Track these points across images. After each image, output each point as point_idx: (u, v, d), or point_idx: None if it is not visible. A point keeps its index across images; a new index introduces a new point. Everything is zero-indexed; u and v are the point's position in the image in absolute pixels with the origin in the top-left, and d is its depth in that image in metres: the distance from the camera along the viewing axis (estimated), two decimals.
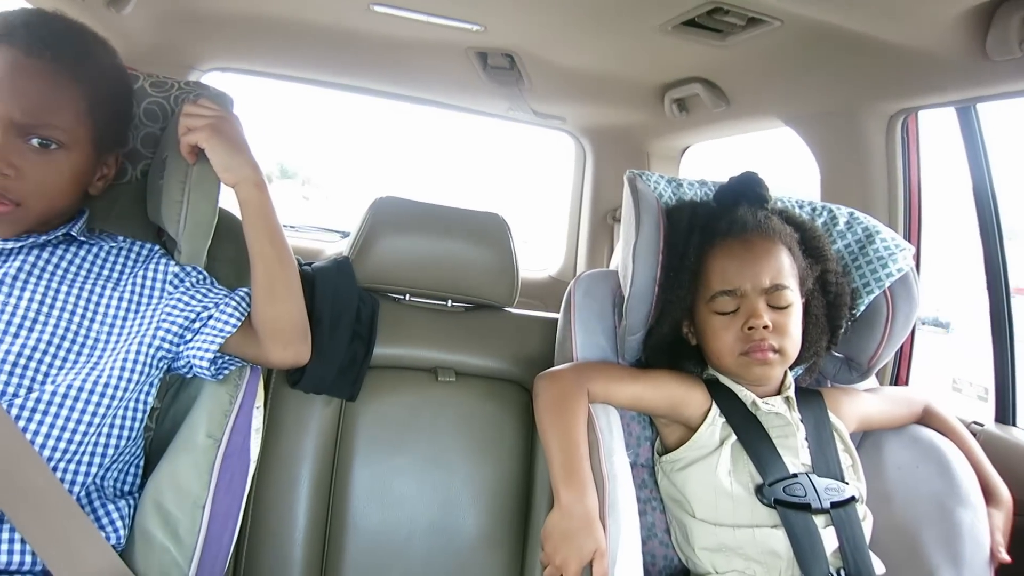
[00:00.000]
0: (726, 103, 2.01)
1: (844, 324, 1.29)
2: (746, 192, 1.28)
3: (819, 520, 1.13)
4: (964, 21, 1.27)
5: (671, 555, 1.24)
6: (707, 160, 2.84)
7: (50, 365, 0.95)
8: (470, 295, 1.55)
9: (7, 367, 0.92)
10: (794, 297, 1.20)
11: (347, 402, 1.41)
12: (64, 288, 1.01)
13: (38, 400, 0.92)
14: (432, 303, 1.57)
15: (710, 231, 1.23)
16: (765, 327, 1.16)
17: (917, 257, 1.73)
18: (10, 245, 0.99)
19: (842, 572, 1.11)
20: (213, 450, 1.00)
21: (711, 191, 1.39)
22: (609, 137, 2.90)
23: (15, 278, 0.98)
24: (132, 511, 1.00)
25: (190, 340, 1.04)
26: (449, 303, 1.57)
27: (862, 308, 1.32)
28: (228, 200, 1.12)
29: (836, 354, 1.36)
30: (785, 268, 1.20)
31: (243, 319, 1.06)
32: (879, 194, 1.77)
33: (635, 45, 1.81)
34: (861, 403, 1.34)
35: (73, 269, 1.04)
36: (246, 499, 1.06)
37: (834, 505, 1.14)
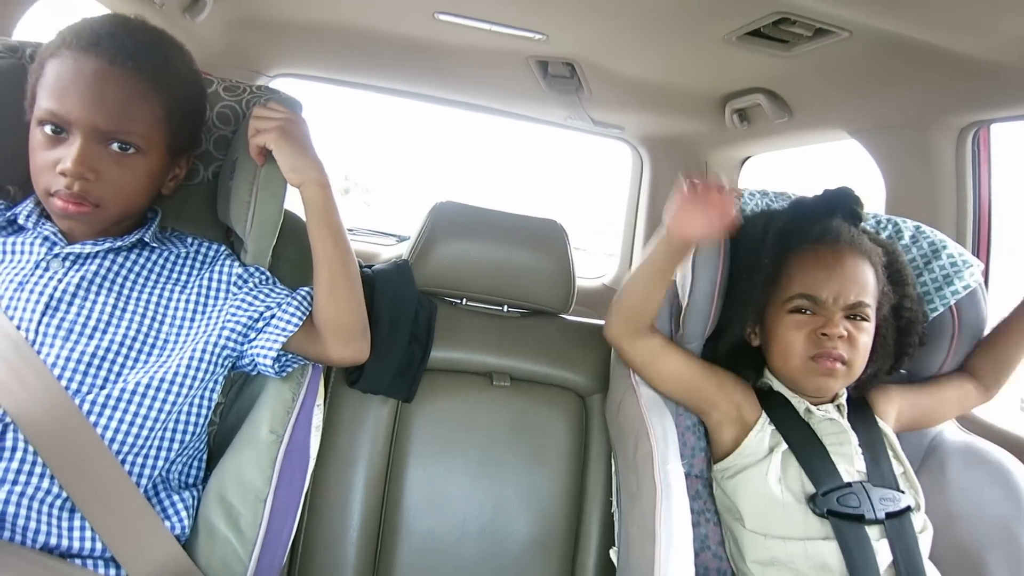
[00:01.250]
0: (789, 114, 1.98)
1: (911, 351, 1.26)
2: (841, 206, 1.25)
3: (872, 532, 1.10)
4: None
5: (724, 567, 1.23)
6: (767, 172, 2.80)
7: (122, 365, 0.99)
8: (526, 301, 1.56)
9: (82, 367, 0.96)
10: (871, 314, 1.18)
11: (403, 403, 1.43)
12: (136, 292, 1.05)
13: (108, 396, 0.95)
14: (488, 308, 1.58)
15: (797, 234, 1.21)
16: (840, 336, 1.14)
17: (986, 274, 1.68)
18: (88, 249, 1.03)
19: None
20: (275, 446, 1.02)
21: (772, 202, 1.37)
22: (667, 147, 2.88)
23: (91, 282, 1.02)
24: (196, 502, 1.03)
25: (254, 339, 1.07)
26: (505, 308, 1.58)
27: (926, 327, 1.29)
28: (293, 204, 1.15)
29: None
30: (870, 287, 1.18)
31: (305, 317, 1.09)
32: (947, 209, 1.71)
33: (697, 55, 1.80)
34: (900, 398, 1.30)
35: (145, 273, 1.08)
36: (304, 495, 1.09)
37: (889, 516, 1.11)
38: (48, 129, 0.96)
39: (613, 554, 1.27)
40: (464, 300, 1.57)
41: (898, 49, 1.41)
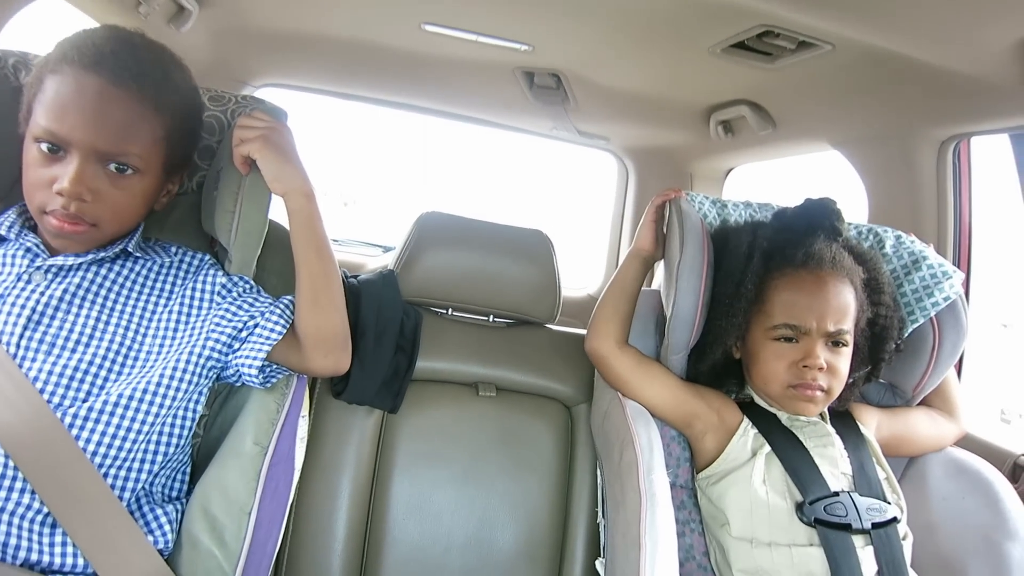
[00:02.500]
0: (772, 126, 1.99)
1: (887, 357, 1.27)
2: (822, 222, 1.25)
3: (858, 541, 1.11)
4: (1021, 47, 1.25)
5: None
6: (752, 182, 2.82)
7: (105, 378, 0.98)
8: (512, 311, 1.56)
9: (64, 380, 0.95)
10: (850, 339, 1.19)
11: (388, 414, 1.42)
12: (119, 304, 1.04)
13: (91, 409, 0.95)
14: (474, 318, 1.58)
15: (779, 258, 1.22)
16: (820, 368, 1.15)
17: (967, 284, 1.70)
18: (71, 261, 1.02)
19: None
20: (260, 457, 1.02)
21: (756, 213, 1.39)
22: (652, 158, 2.90)
23: (74, 295, 1.01)
24: (180, 516, 1.02)
25: (238, 349, 1.06)
26: (491, 318, 1.58)
27: (904, 336, 1.30)
28: (279, 214, 1.14)
29: (880, 380, 1.34)
30: (851, 311, 1.19)
31: (288, 327, 1.08)
32: (928, 220, 1.73)
33: (682, 67, 1.81)
34: (877, 415, 1.32)
35: (128, 284, 1.07)
36: (289, 507, 1.08)
37: (875, 526, 1.12)
38: (44, 147, 0.95)
39: (599, 564, 1.27)
40: (450, 310, 1.57)
41: (880, 62, 1.42)
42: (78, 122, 0.94)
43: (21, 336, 0.95)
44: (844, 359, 1.19)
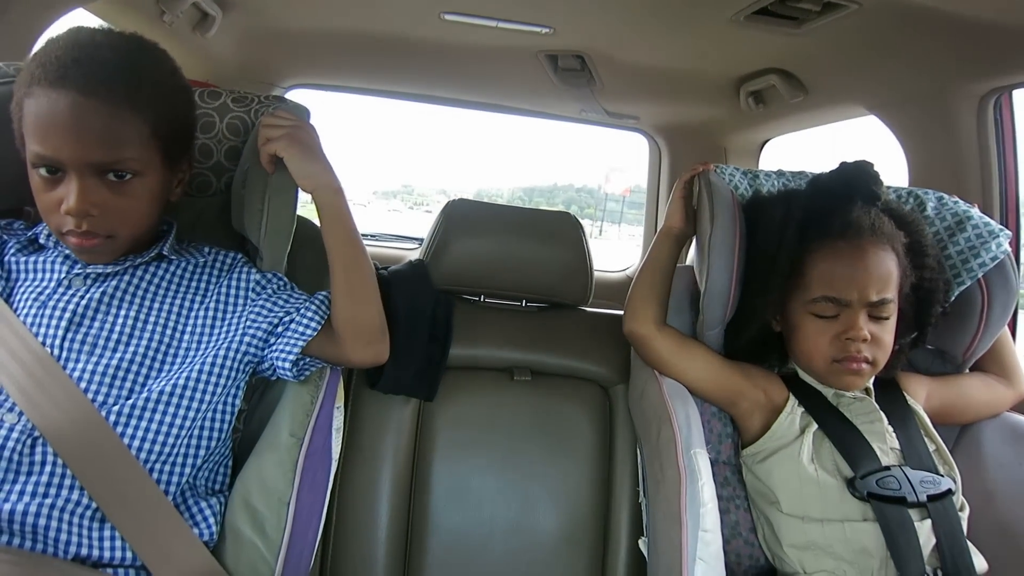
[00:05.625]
0: (804, 93, 1.95)
1: (934, 320, 1.23)
2: (859, 187, 1.20)
3: (913, 514, 1.08)
4: None
5: (757, 554, 1.21)
6: (790, 153, 2.76)
7: (146, 376, 1.01)
8: (544, 295, 1.55)
9: (107, 379, 0.97)
10: (894, 308, 1.16)
11: (425, 402, 1.43)
12: (157, 304, 1.06)
13: (133, 406, 0.97)
14: (507, 303, 1.58)
15: (815, 228, 1.18)
16: (864, 340, 1.12)
17: (1016, 243, 1.63)
18: (110, 269, 1.05)
19: (939, 573, 1.05)
20: (296, 449, 1.03)
21: (789, 182, 1.35)
22: (684, 134, 2.86)
23: (112, 297, 1.03)
24: (223, 508, 1.04)
25: (273, 344, 1.08)
26: (523, 303, 1.58)
27: (951, 299, 1.26)
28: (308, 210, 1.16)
29: (928, 346, 1.30)
30: (893, 279, 1.15)
31: (324, 322, 1.09)
32: (972, 180, 1.67)
33: (707, 39, 1.78)
34: (928, 383, 1.28)
35: (164, 285, 1.09)
36: (330, 498, 1.10)
37: (931, 499, 1.09)
38: (43, 171, 0.95)
39: (642, 544, 1.26)
40: (482, 297, 1.57)
41: (910, 18, 1.38)
42: (62, 141, 0.93)
43: (64, 338, 0.98)
44: (888, 329, 1.16)
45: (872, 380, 1.21)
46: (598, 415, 1.48)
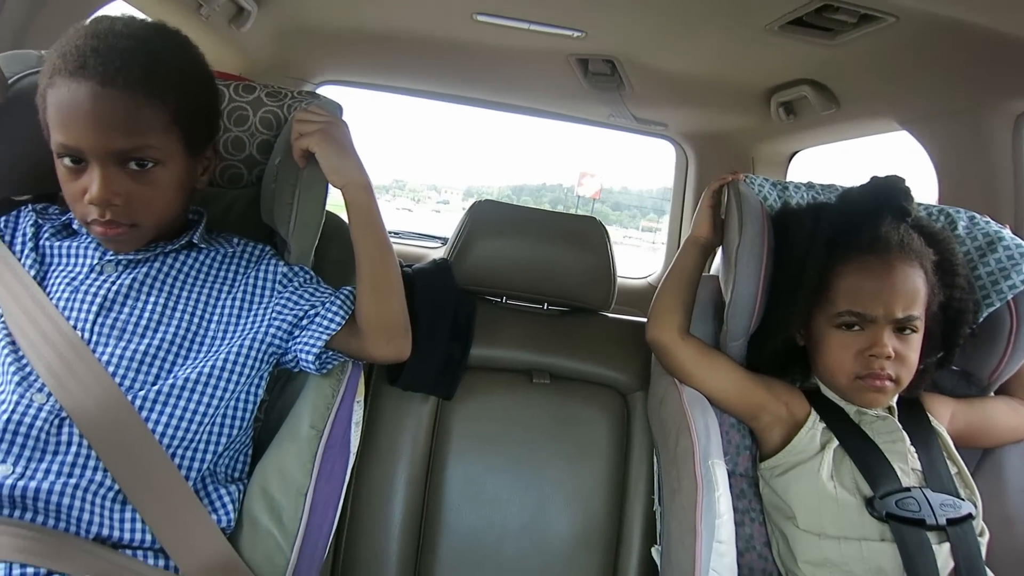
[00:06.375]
0: (836, 105, 1.93)
1: (961, 340, 1.22)
2: (889, 202, 1.19)
3: (932, 537, 1.07)
4: None
5: (771, 569, 1.20)
6: (817, 166, 2.74)
7: (172, 362, 1.02)
8: (566, 298, 1.55)
9: (135, 364, 0.99)
10: (920, 325, 1.14)
11: (443, 401, 1.44)
12: (185, 292, 1.08)
13: (159, 392, 0.98)
14: (528, 305, 1.58)
15: (844, 243, 1.16)
16: (888, 357, 1.11)
17: None
18: (140, 256, 1.06)
19: None
20: (316, 440, 1.04)
21: (819, 195, 1.34)
22: (712, 143, 2.85)
23: (142, 283, 1.05)
24: (241, 496, 1.06)
25: (298, 336, 1.09)
26: (545, 306, 1.58)
27: (979, 320, 1.24)
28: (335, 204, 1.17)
29: (953, 368, 1.28)
30: (920, 296, 1.13)
31: (348, 316, 1.10)
32: (1005, 200, 1.65)
33: (739, 47, 1.77)
34: (952, 404, 1.26)
35: (193, 274, 1.10)
36: (346, 491, 1.10)
37: (950, 522, 1.07)
38: (67, 161, 0.97)
39: (655, 552, 1.26)
40: (504, 298, 1.57)
41: (948, 33, 1.36)
42: (83, 130, 0.94)
43: (94, 323, 1.00)
44: (913, 347, 1.14)
45: (896, 399, 1.20)
46: (616, 421, 1.47)
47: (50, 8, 1.41)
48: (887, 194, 1.20)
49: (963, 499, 1.11)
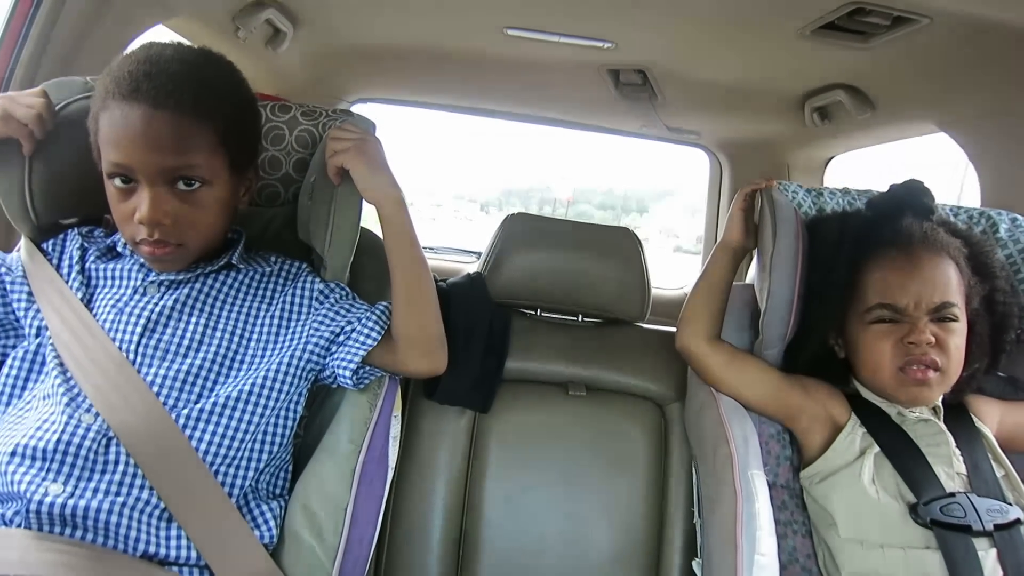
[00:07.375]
0: (872, 109, 1.90)
1: (1008, 346, 1.19)
2: (911, 202, 1.20)
3: (979, 543, 1.04)
4: None
5: None
6: (855, 172, 2.69)
7: (214, 381, 1.04)
8: (601, 310, 1.55)
9: (178, 383, 1.01)
10: (960, 314, 1.12)
11: (480, 414, 1.44)
12: (225, 311, 1.10)
13: (202, 410, 1.00)
14: (563, 318, 1.58)
15: (868, 241, 1.17)
16: (928, 342, 1.09)
17: None
18: (182, 276, 1.09)
19: None
20: (355, 455, 1.06)
21: (855, 200, 1.33)
22: (746, 150, 2.82)
23: (184, 304, 1.08)
24: (283, 512, 1.07)
25: (335, 352, 1.10)
26: (580, 318, 1.58)
27: None
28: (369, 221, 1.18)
29: (999, 373, 1.25)
30: (953, 284, 1.12)
31: (384, 331, 1.11)
32: None
33: (770, 54, 1.76)
34: (1000, 407, 1.23)
35: (233, 294, 1.12)
36: (385, 506, 1.11)
37: (998, 528, 1.05)
38: (118, 181, 1.00)
39: (696, 565, 1.24)
40: (539, 311, 1.57)
41: (984, 33, 1.34)
42: (134, 151, 0.97)
43: (139, 343, 1.02)
44: (955, 334, 1.12)
45: (941, 400, 1.17)
46: (653, 433, 1.46)
47: (94, 37, 1.46)
48: (908, 195, 1.22)
49: (1011, 503, 1.08)
